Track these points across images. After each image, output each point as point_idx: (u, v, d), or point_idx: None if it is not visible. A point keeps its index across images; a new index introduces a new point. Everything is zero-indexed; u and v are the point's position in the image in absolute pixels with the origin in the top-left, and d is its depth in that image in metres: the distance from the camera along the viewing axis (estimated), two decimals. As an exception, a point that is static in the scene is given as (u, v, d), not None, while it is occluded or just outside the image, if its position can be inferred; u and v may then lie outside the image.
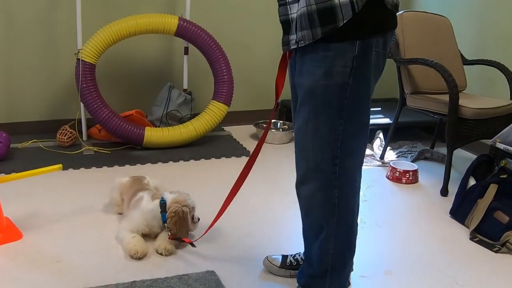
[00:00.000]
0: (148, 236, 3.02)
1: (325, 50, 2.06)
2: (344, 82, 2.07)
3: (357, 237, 2.46)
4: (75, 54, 4.29)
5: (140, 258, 2.82)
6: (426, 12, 4.40)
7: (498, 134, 3.67)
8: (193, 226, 3.01)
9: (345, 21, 1.98)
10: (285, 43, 2.17)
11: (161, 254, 2.87)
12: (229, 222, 3.24)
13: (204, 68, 4.76)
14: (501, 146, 3.58)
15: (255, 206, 3.56)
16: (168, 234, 2.91)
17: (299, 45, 2.09)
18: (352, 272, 2.59)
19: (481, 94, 4.43)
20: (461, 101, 3.74)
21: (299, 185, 2.31)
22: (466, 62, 4.45)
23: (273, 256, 2.81)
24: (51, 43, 4.70)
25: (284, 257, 2.77)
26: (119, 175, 3.48)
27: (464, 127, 3.76)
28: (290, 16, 2.12)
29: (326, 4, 1.99)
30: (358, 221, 2.40)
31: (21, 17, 4.56)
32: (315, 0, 2.00)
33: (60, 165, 3.29)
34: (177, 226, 2.89)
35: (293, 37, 2.12)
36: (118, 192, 3.32)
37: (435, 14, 4.42)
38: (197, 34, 4.49)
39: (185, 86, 4.90)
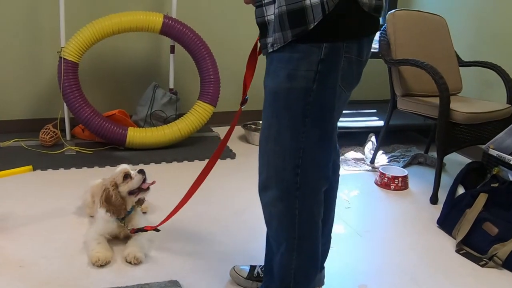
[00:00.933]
0: (118, 238, 2.93)
1: (292, 51, 1.92)
2: (308, 87, 1.93)
3: (332, 246, 2.36)
4: (57, 52, 4.20)
5: (102, 266, 2.71)
6: (421, 11, 4.23)
7: (492, 140, 3.50)
8: (132, 183, 2.88)
9: (315, 23, 1.84)
10: (263, 46, 2.04)
11: (129, 262, 2.75)
12: (199, 228, 3.14)
13: (191, 67, 4.64)
14: (494, 152, 3.41)
15: (232, 213, 3.41)
16: (129, 229, 2.86)
17: (274, 49, 1.96)
18: (323, 287, 2.43)
19: (478, 97, 4.25)
20: (453, 105, 3.57)
21: (260, 191, 2.18)
22: (462, 63, 4.28)
23: (240, 267, 2.67)
24: (34, 41, 4.61)
25: (252, 267, 2.63)
26: (98, 176, 3.33)
27: (455, 132, 3.60)
28: (266, 18, 1.97)
29: (297, 5, 1.85)
30: (340, 229, 2.23)
31: (4, 14, 4.47)
32: (286, 1, 1.86)
33: (30, 167, 3.23)
34: (107, 204, 2.81)
35: (269, 40, 1.98)
36: (90, 194, 3.20)
37: (430, 13, 4.24)
38: (182, 32, 4.36)
39: (171, 86, 4.78)
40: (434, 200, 3.71)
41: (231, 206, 3.49)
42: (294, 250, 2.12)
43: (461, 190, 3.37)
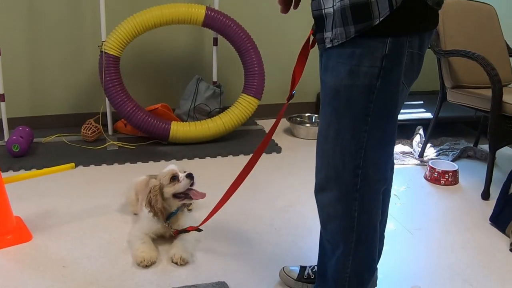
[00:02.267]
0: (164, 237, 2.88)
1: (353, 46, 1.82)
2: (371, 84, 1.84)
3: (384, 245, 2.28)
4: (98, 46, 4.19)
5: (147, 266, 2.66)
6: (470, 0, 4.08)
7: (547, 133, 3.36)
8: (179, 186, 2.80)
9: (381, 18, 1.75)
10: (320, 41, 1.95)
11: (176, 263, 2.69)
12: (245, 226, 3.08)
13: (235, 59, 4.58)
14: (549, 146, 3.28)
15: (278, 210, 3.34)
16: (172, 230, 2.82)
17: (334, 44, 1.86)
18: None
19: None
20: (506, 97, 3.45)
21: (317, 192, 2.11)
22: (514, 54, 4.14)
23: (290, 268, 2.59)
24: (76, 36, 4.59)
25: (302, 268, 2.56)
26: (141, 172, 3.33)
27: (508, 125, 3.47)
28: (324, 11, 1.88)
29: None
30: (390, 226, 2.13)
31: (46, 10, 4.46)
32: None
33: (73, 164, 3.19)
34: (149, 206, 2.77)
35: (328, 34, 1.89)
36: (134, 191, 3.17)
37: (479, 1, 4.11)
38: (225, 24, 4.30)
39: (215, 79, 4.73)
40: (485, 196, 3.59)
41: (277, 203, 3.43)
42: (350, 254, 2.05)
43: (515, 187, 3.25)
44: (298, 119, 4.96)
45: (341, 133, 1.93)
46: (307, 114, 5.05)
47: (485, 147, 4.14)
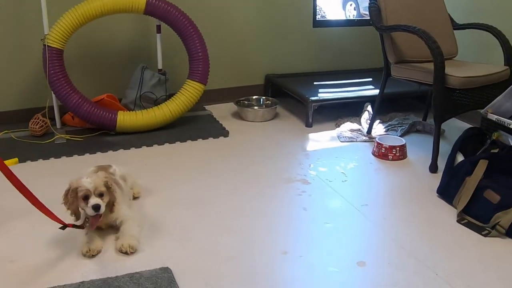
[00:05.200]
0: (101, 228, 2.83)
1: None
2: None
3: (329, 223, 2.20)
4: (41, 40, 4.10)
5: (93, 256, 2.62)
6: (411, -26, 4.07)
7: (490, 104, 3.39)
8: (85, 208, 2.67)
9: None
10: None
11: (125, 253, 2.65)
12: (189, 212, 3.05)
13: (180, 46, 4.52)
14: (493, 117, 3.31)
15: (223, 193, 3.30)
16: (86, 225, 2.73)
17: None
18: (320, 265, 2.39)
19: (475, 61, 4.11)
20: (448, 70, 3.44)
21: None
22: (457, 26, 4.15)
23: None
24: (19, 31, 4.47)
25: None
26: (89, 164, 3.26)
27: (452, 97, 3.48)
28: None
29: None
30: (337, 204, 2.06)
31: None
32: None
33: (16, 159, 3.22)
34: (68, 204, 2.68)
35: None
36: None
37: (422, -25, 4.09)
38: (167, 11, 4.24)
39: (160, 66, 4.67)
40: (433, 169, 3.60)
41: (222, 186, 3.39)
42: None
43: (460, 158, 3.26)
44: (246, 102, 4.93)
45: None
46: (254, 97, 5.01)
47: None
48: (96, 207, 2.61)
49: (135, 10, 4.19)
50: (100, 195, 2.65)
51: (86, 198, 2.63)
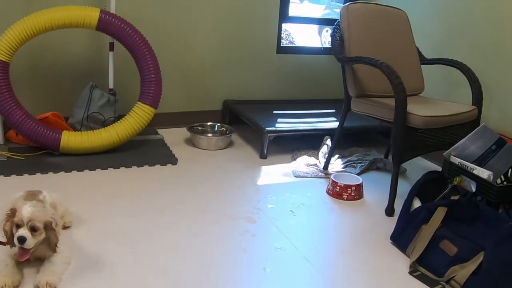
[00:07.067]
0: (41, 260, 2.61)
1: None
2: None
3: (265, 269, 2.20)
4: None
5: None
6: (379, 4, 3.88)
7: (454, 146, 3.19)
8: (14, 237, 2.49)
9: None
10: None
11: (43, 290, 2.42)
12: (121, 248, 2.79)
13: (134, 66, 4.37)
14: (456, 160, 3.09)
15: (160, 228, 3.06)
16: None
17: None
18: None
19: (443, 98, 3.92)
20: (411, 107, 3.24)
21: None
22: (425, 61, 3.96)
23: None
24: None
25: None
26: (27, 186, 3.14)
27: (413, 137, 3.28)
28: None
29: None
30: (281, 246, 1.80)
31: None
32: None
33: None
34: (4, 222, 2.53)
35: None
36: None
37: (390, 6, 3.91)
38: (120, 28, 4.03)
39: (111, 86, 4.46)
40: (390, 212, 3.39)
41: (160, 221, 3.14)
42: None
43: (417, 204, 3.05)
44: (200, 128, 4.70)
45: None
46: (209, 123, 4.79)
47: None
48: (21, 240, 2.45)
49: (87, 26, 3.98)
50: (33, 229, 2.47)
51: (18, 226, 2.48)
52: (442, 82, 4.37)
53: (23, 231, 2.45)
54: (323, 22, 6.04)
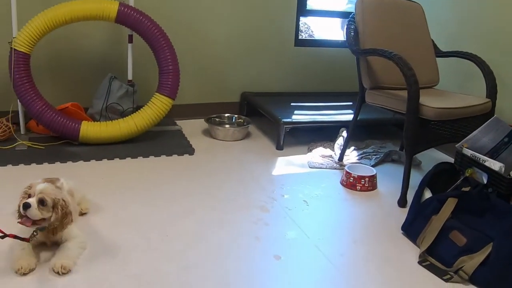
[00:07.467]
0: (45, 245, 2.68)
1: None
2: None
3: (280, 256, 2.18)
4: (8, 43, 3.97)
5: (25, 274, 2.46)
6: (394, -3, 3.90)
7: (466, 138, 3.19)
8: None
9: None
10: None
11: (57, 273, 2.47)
12: (136, 235, 2.84)
13: (152, 58, 4.40)
14: (468, 152, 3.10)
15: (174, 216, 3.11)
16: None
17: None
18: None
19: (457, 91, 3.93)
20: (424, 99, 3.26)
21: None
22: (440, 54, 3.97)
23: None
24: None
25: None
26: (47, 174, 3.17)
27: (426, 129, 3.29)
28: None
29: None
30: (292, 236, 1.84)
31: None
32: None
33: None
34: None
35: None
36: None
37: (406, -1, 3.92)
38: (139, 20, 4.10)
39: (130, 77, 4.52)
40: (402, 203, 3.41)
41: (175, 209, 3.19)
42: None
43: (428, 194, 3.07)
44: (217, 119, 4.75)
45: None
46: (226, 115, 4.84)
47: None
48: (24, 205, 2.49)
49: (106, 18, 4.05)
50: (41, 203, 2.52)
51: (28, 196, 2.53)
52: (457, 75, 4.38)
53: (30, 199, 2.50)
54: (345, 15, 6.04)
